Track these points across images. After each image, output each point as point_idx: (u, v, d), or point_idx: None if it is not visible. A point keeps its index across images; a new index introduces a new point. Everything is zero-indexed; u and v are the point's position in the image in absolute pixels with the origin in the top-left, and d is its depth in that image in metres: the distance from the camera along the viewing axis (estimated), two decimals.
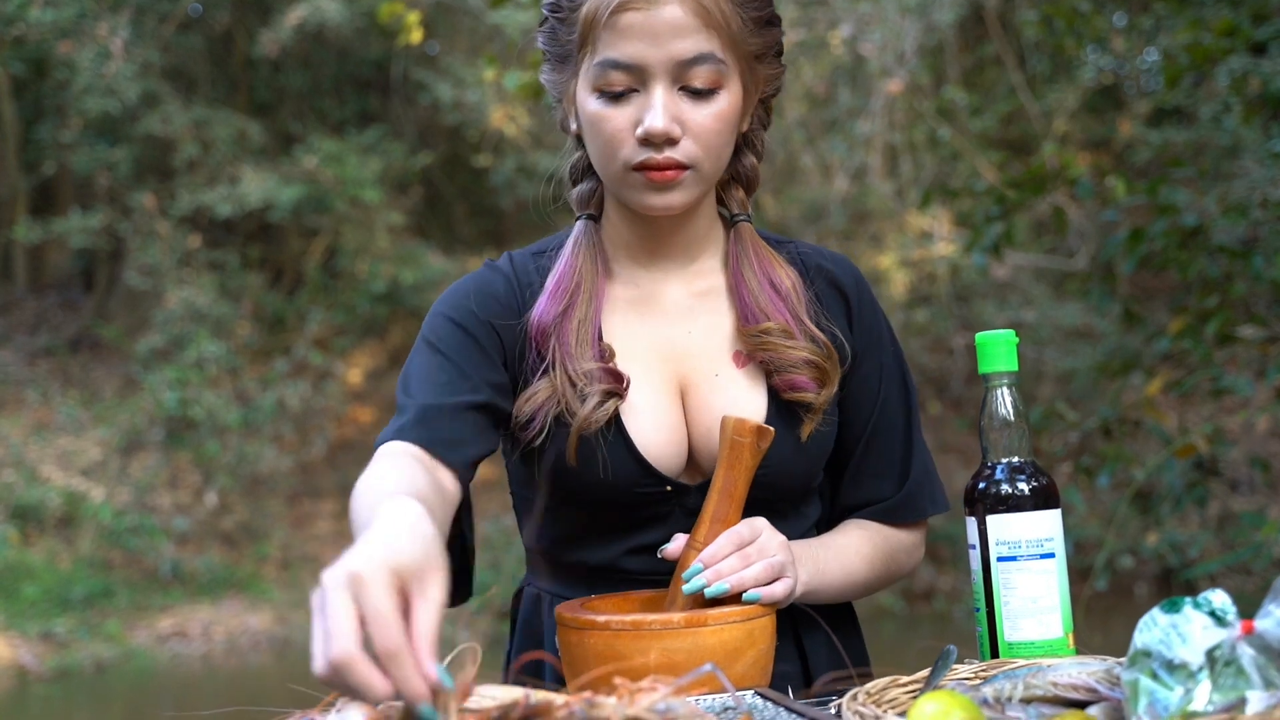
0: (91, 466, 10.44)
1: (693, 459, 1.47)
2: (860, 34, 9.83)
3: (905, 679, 1.16)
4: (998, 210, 4.85)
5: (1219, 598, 0.97)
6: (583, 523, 1.49)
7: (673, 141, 1.36)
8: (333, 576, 0.89)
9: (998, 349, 1.35)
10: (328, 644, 0.86)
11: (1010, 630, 1.30)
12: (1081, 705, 1.05)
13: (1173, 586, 8.13)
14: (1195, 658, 0.93)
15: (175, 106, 11.36)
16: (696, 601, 1.31)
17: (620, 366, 1.44)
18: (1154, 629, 0.97)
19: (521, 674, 1.55)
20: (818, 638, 1.50)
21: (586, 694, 0.96)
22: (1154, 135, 8.66)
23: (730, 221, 1.53)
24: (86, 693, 8.24)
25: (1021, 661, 1.18)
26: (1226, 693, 0.92)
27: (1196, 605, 0.96)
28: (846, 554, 1.48)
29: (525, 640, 1.56)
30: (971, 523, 1.34)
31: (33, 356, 11.74)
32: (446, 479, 1.33)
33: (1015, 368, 1.36)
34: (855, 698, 1.07)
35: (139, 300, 11.45)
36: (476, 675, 0.99)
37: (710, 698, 1.21)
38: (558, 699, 0.95)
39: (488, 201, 12.65)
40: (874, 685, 1.12)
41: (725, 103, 1.38)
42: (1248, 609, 0.97)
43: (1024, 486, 1.32)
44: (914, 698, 1.12)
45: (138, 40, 11.27)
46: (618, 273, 1.51)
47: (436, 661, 0.88)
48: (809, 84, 10.24)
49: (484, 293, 1.48)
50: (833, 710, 1.12)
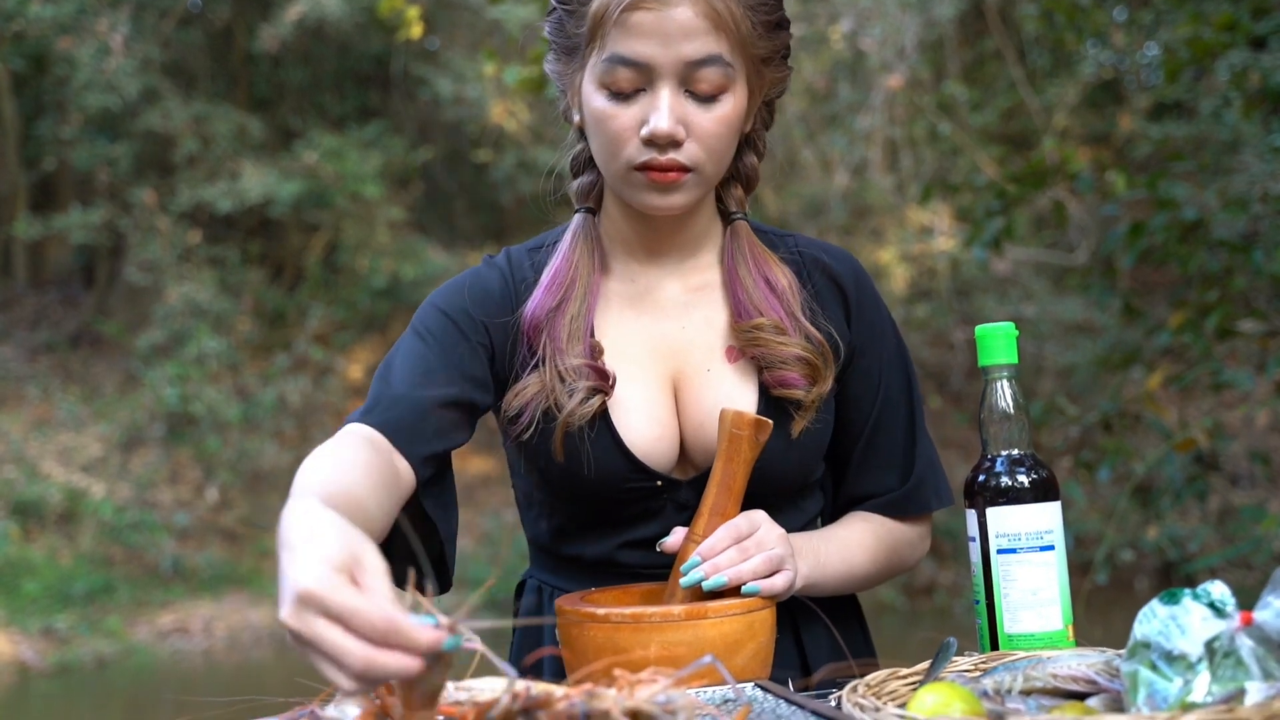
0: (92, 462, 10.45)
1: (685, 454, 1.47)
2: (860, 29, 9.83)
3: (905, 671, 1.16)
4: (998, 205, 4.85)
5: (1218, 589, 0.97)
6: (577, 517, 1.49)
7: (677, 144, 1.36)
8: (291, 612, 0.88)
9: (997, 341, 1.35)
10: (345, 665, 0.86)
11: (1010, 622, 1.30)
12: (1081, 697, 1.05)
13: (1173, 580, 8.13)
14: (1194, 649, 0.93)
15: (175, 102, 11.36)
16: (696, 594, 1.31)
17: (613, 362, 1.44)
18: (1153, 620, 0.97)
19: (522, 666, 1.55)
20: (817, 629, 1.50)
21: (587, 686, 0.96)
22: (1154, 130, 8.64)
23: (728, 219, 1.53)
24: (87, 689, 8.24)
25: (1021, 654, 1.19)
26: (1225, 684, 0.92)
27: (1195, 597, 0.96)
28: (848, 546, 1.48)
29: (527, 633, 1.56)
30: (971, 515, 1.34)
31: (33, 352, 11.74)
32: (402, 467, 1.32)
33: (1015, 360, 1.36)
34: (855, 689, 1.07)
35: (139, 296, 11.45)
36: (474, 669, 0.99)
37: (710, 690, 1.21)
38: (558, 691, 0.95)
39: (488, 196, 12.65)
40: (874, 677, 1.12)
41: (730, 106, 1.38)
42: (1248, 603, 0.97)
43: (1024, 479, 1.32)
44: (914, 690, 1.12)
45: (138, 36, 11.27)
46: (614, 268, 1.51)
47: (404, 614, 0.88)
48: (809, 79, 10.23)
49: (479, 289, 1.48)
50: (833, 702, 1.12)
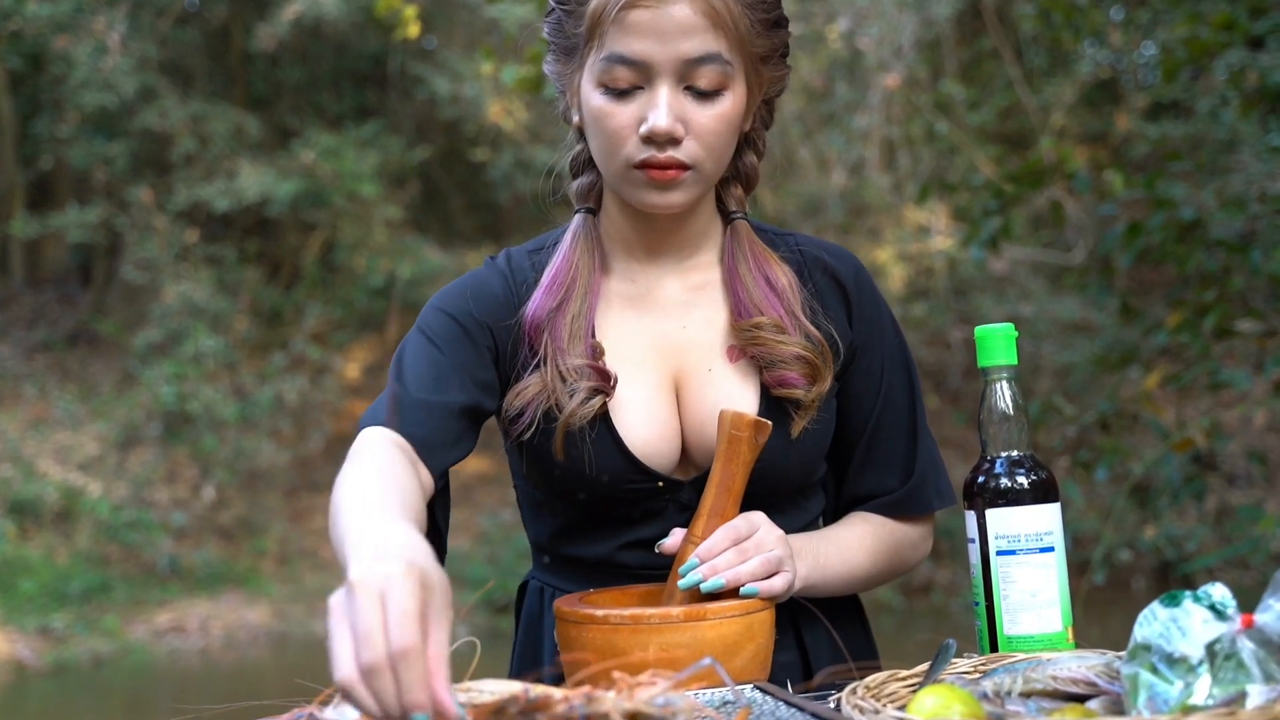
0: (89, 461, 10.44)
1: (686, 455, 1.46)
2: (858, 28, 9.83)
3: (905, 673, 1.15)
4: (995, 204, 4.86)
5: (1219, 591, 0.96)
6: (578, 518, 1.49)
7: (675, 141, 1.35)
8: (364, 577, 0.89)
9: (997, 342, 1.35)
10: (360, 648, 0.86)
11: (1009, 624, 1.30)
12: (1081, 699, 1.05)
13: (1170, 581, 8.13)
14: (1195, 651, 0.93)
15: (172, 101, 11.35)
16: (695, 596, 1.31)
17: (613, 363, 1.44)
18: (1154, 623, 0.96)
19: (520, 668, 1.55)
20: (819, 631, 1.49)
21: (585, 688, 0.95)
22: (1152, 129, 8.64)
23: (727, 218, 1.53)
24: (84, 688, 8.23)
25: (1021, 655, 1.18)
26: (1226, 686, 0.92)
27: (1196, 599, 0.96)
28: (849, 547, 1.47)
29: (529, 633, 1.56)
30: (971, 517, 1.34)
31: (30, 351, 11.73)
32: (424, 474, 1.33)
33: (1015, 361, 1.36)
34: (854, 691, 1.07)
35: (136, 295, 11.44)
36: (475, 670, 0.99)
37: (709, 692, 1.21)
38: (556, 693, 0.95)
39: (485, 196, 12.64)
40: (873, 679, 1.12)
41: (729, 104, 1.37)
42: (1245, 603, 0.97)
43: (1023, 480, 1.32)
44: (913, 691, 1.12)
45: (134, 34, 11.25)
46: (614, 268, 1.51)
47: (449, 685, 0.87)
48: (806, 78, 10.22)
49: (481, 291, 1.47)
50: (832, 704, 1.12)
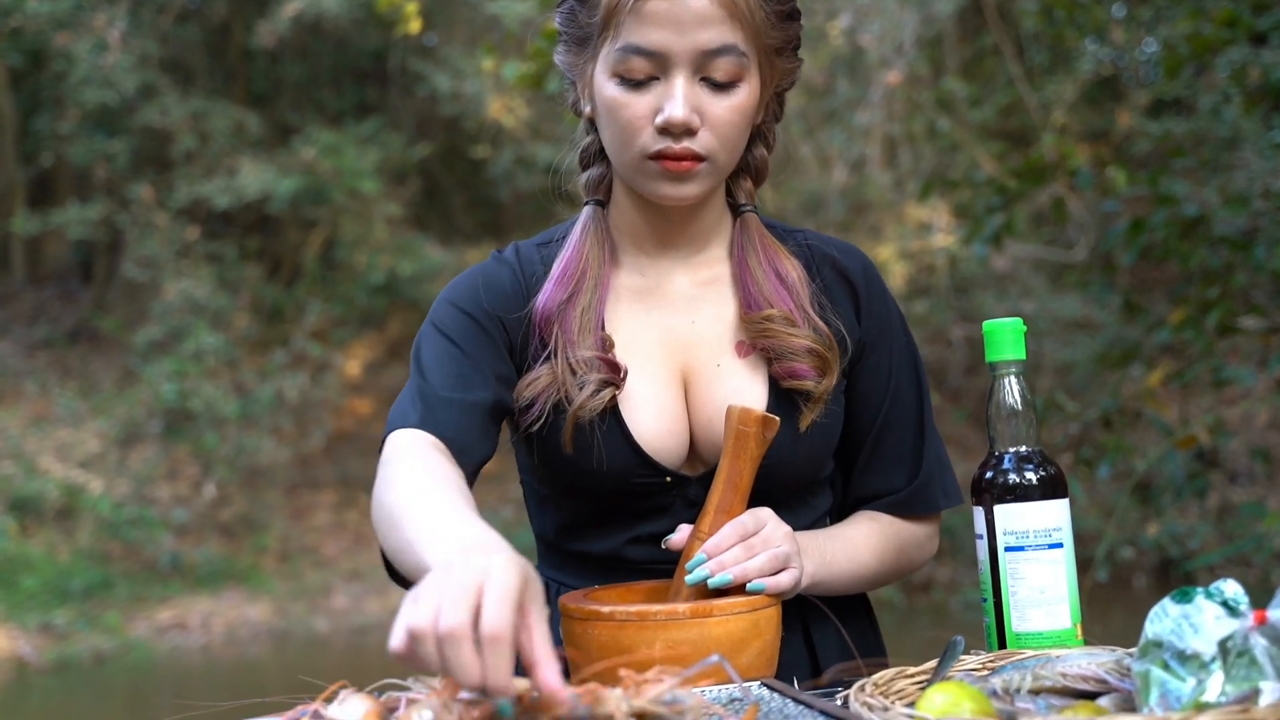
0: (90, 458, 10.44)
1: (694, 450, 1.45)
2: (859, 25, 9.82)
3: (913, 670, 1.15)
4: (998, 201, 4.85)
5: (1231, 588, 0.96)
6: (585, 512, 1.48)
7: (691, 132, 1.35)
8: (460, 564, 0.91)
9: (1005, 337, 1.34)
10: (441, 613, 0.87)
11: (1018, 621, 1.29)
12: (1091, 696, 1.04)
13: (1172, 578, 8.12)
14: (1207, 648, 0.92)
15: (173, 98, 11.34)
16: (701, 592, 1.30)
17: (623, 357, 1.43)
18: (1165, 619, 0.96)
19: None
20: (827, 628, 1.49)
21: (592, 685, 0.95)
22: (1154, 126, 8.61)
23: (737, 212, 1.52)
24: (86, 684, 8.23)
25: (1030, 652, 1.17)
26: (1239, 683, 0.91)
27: (1209, 595, 0.95)
28: (855, 545, 1.47)
29: None
30: (979, 512, 1.33)
31: (31, 348, 11.72)
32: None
33: (1023, 356, 1.35)
34: (863, 689, 1.06)
35: (137, 292, 11.44)
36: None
37: (716, 689, 1.20)
38: (566, 691, 0.94)
39: (486, 193, 12.63)
40: (881, 676, 1.11)
41: (744, 95, 1.37)
42: (1251, 600, 0.96)
43: (1031, 476, 1.31)
44: (922, 689, 1.11)
45: (135, 31, 11.25)
46: (624, 261, 1.50)
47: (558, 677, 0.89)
48: (807, 74, 10.21)
49: (491, 285, 1.47)
50: (840, 701, 1.11)
